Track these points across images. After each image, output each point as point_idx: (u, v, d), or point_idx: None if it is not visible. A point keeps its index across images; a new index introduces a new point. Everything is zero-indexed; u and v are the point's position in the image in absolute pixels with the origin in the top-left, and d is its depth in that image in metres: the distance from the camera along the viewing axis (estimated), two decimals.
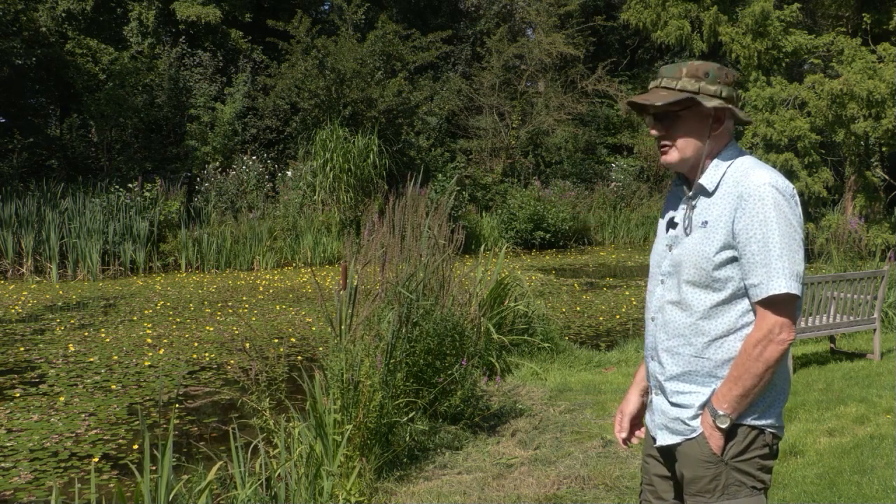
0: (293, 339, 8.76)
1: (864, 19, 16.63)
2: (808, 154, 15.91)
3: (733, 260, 2.04)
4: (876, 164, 17.93)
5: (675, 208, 2.22)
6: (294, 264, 16.49)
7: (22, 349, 8.31)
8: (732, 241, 2.03)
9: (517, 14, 25.25)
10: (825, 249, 13.72)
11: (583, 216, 21.56)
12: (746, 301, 2.05)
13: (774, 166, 15.77)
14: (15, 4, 17.31)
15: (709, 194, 2.10)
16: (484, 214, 20.16)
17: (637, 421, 2.40)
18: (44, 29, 18.46)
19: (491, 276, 7.11)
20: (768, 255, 1.98)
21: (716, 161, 2.12)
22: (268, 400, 4.55)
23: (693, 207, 2.14)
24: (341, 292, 4.71)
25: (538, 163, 23.85)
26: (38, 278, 14.43)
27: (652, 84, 2.16)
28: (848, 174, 16.93)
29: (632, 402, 2.39)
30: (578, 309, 10.95)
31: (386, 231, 5.48)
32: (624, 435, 2.39)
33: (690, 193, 2.16)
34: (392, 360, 4.74)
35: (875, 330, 7.31)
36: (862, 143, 16.03)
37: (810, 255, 15.35)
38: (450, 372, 5.31)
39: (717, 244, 2.04)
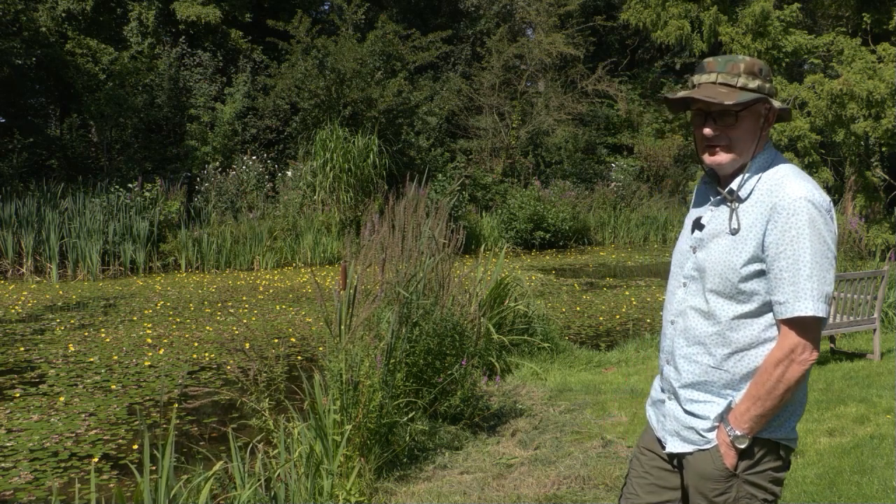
0: (293, 339, 8.76)
1: (864, 19, 16.63)
2: (808, 154, 15.91)
3: (761, 273, 1.96)
4: (876, 164, 17.93)
5: (704, 208, 2.13)
6: (294, 264, 16.49)
7: (22, 349, 8.31)
8: (761, 253, 1.95)
9: (517, 14, 25.25)
10: None
11: (583, 216, 21.56)
12: (771, 314, 1.98)
13: None
14: (15, 4, 17.31)
15: (741, 200, 2.01)
16: (484, 214, 20.15)
17: None
18: (44, 29, 18.46)
19: (491, 276, 7.11)
20: (797, 273, 1.90)
21: (752, 165, 2.03)
22: (267, 400, 4.54)
23: (721, 210, 2.05)
24: (341, 292, 4.71)
25: (538, 163, 23.85)
26: (38, 278, 14.43)
27: (704, 78, 2.02)
28: (848, 174, 16.93)
29: None
30: (578, 309, 10.95)
31: (386, 231, 5.48)
32: None
33: (720, 197, 2.07)
34: (392, 361, 4.74)
35: (875, 330, 7.31)
36: (862, 143, 16.04)
37: None
38: (450, 372, 5.31)
39: (746, 255, 1.96)
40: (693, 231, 2.11)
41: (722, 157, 2.02)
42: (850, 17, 17.36)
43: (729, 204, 2.03)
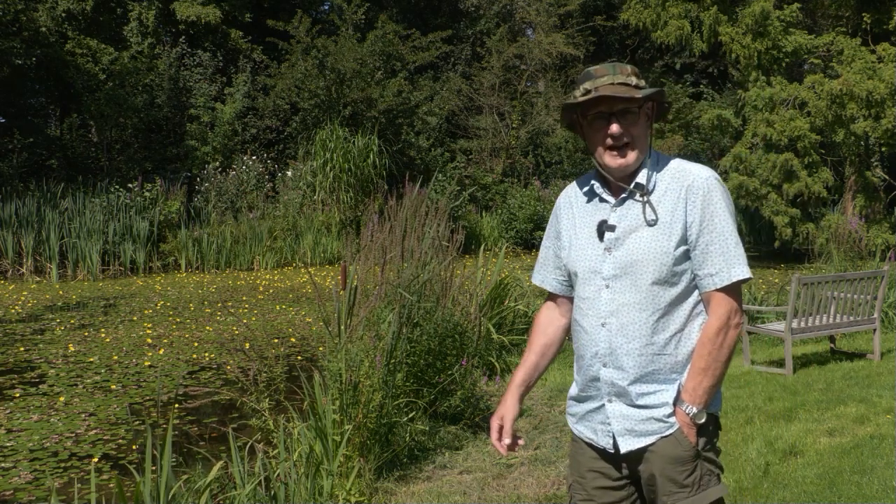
0: (293, 339, 8.76)
1: (864, 19, 16.63)
2: (808, 154, 15.91)
3: (687, 254, 2.07)
4: (876, 164, 17.93)
5: (601, 212, 2.17)
6: (294, 264, 16.49)
7: (22, 349, 8.31)
8: (685, 234, 2.06)
9: (517, 14, 25.24)
10: (825, 249, 13.71)
11: None
12: (695, 294, 2.10)
13: (774, 166, 15.65)
14: (15, 4, 17.31)
15: (649, 193, 2.10)
16: (484, 214, 20.15)
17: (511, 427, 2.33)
18: (44, 29, 18.46)
19: (491, 276, 7.11)
20: (725, 243, 2.04)
21: (649, 160, 2.14)
22: (267, 400, 4.54)
23: (628, 206, 2.12)
24: (340, 292, 4.71)
25: (538, 163, 23.85)
26: (38, 278, 14.43)
27: (600, 82, 2.08)
28: (848, 174, 16.93)
29: (512, 409, 2.33)
30: None
31: (386, 231, 5.48)
32: (507, 441, 2.32)
33: (625, 194, 2.13)
34: (392, 361, 4.74)
35: (875, 330, 7.31)
36: (862, 143, 16.03)
37: (810, 255, 15.37)
38: (450, 372, 5.31)
39: (675, 238, 2.05)
40: (602, 234, 2.15)
41: (629, 157, 2.10)
42: (850, 17, 17.36)
43: (639, 199, 2.11)
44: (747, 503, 4.02)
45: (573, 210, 2.26)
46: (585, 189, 2.24)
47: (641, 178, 2.11)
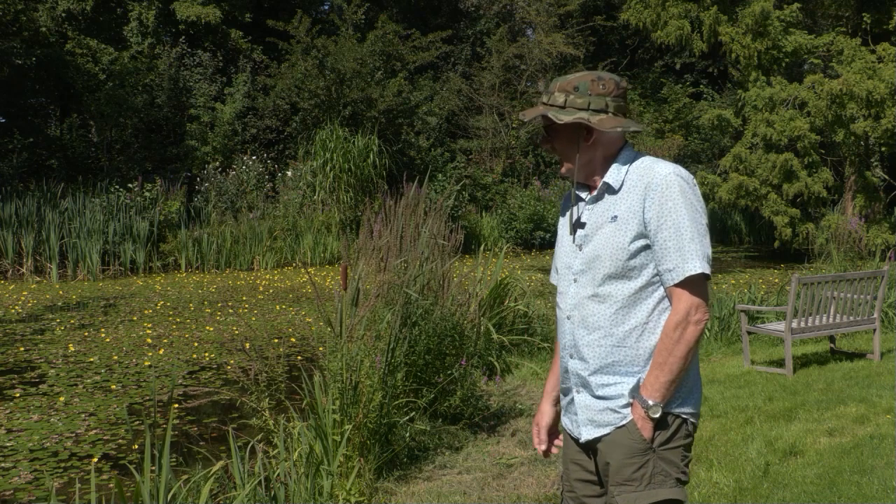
0: (293, 339, 8.77)
1: (864, 19, 16.64)
2: (808, 154, 15.91)
3: (646, 248, 2.10)
4: (876, 164, 17.93)
5: (579, 211, 2.27)
6: (294, 264, 16.48)
7: (22, 349, 8.31)
8: (644, 230, 2.09)
9: (517, 14, 25.23)
10: (825, 249, 13.71)
11: None
12: (661, 289, 2.11)
13: (774, 166, 15.63)
14: (15, 4, 17.31)
15: (615, 192, 2.16)
16: (484, 214, 20.15)
17: (554, 431, 2.41)
18: (44, 29, 18.47)
19: (491, 276, 7.11)
20: (681, 239, 2.05)
21: (616, 163, 2.19)
22: (267, 400, 4.54)
23: (599, 205, 2.20)
24: (341, 292, 4.71)
25: (538, 163, 23.84)
26: (38, 278, 14.43)
27: (541, 99, 2.24)
28: (848, 174, 16.93)
29: (546, 414, 2.40)
30: None
31: (386, 231, 5.48)
32: (544, 447, 2.40)
33: (595, 194, 2.20)
34: (392, 360, 4.74)
35: (875, 330, 7.31)
36: (862, 143, 16.04)
37: (810, 255, 15.37)
38: (450, 372, 5.31)
39: (631, 234, 2.09)
40: (575, 232, 2.24)
41: (564, 167, 2.23)
42: (850, 17, 17.37)
43: (583, 205, 2.23)
44: (747, 503, 4.02)
45: (565, 208, 2.36)
46: (571, 192, 2.34)
47: (609, 178, 2.18)
